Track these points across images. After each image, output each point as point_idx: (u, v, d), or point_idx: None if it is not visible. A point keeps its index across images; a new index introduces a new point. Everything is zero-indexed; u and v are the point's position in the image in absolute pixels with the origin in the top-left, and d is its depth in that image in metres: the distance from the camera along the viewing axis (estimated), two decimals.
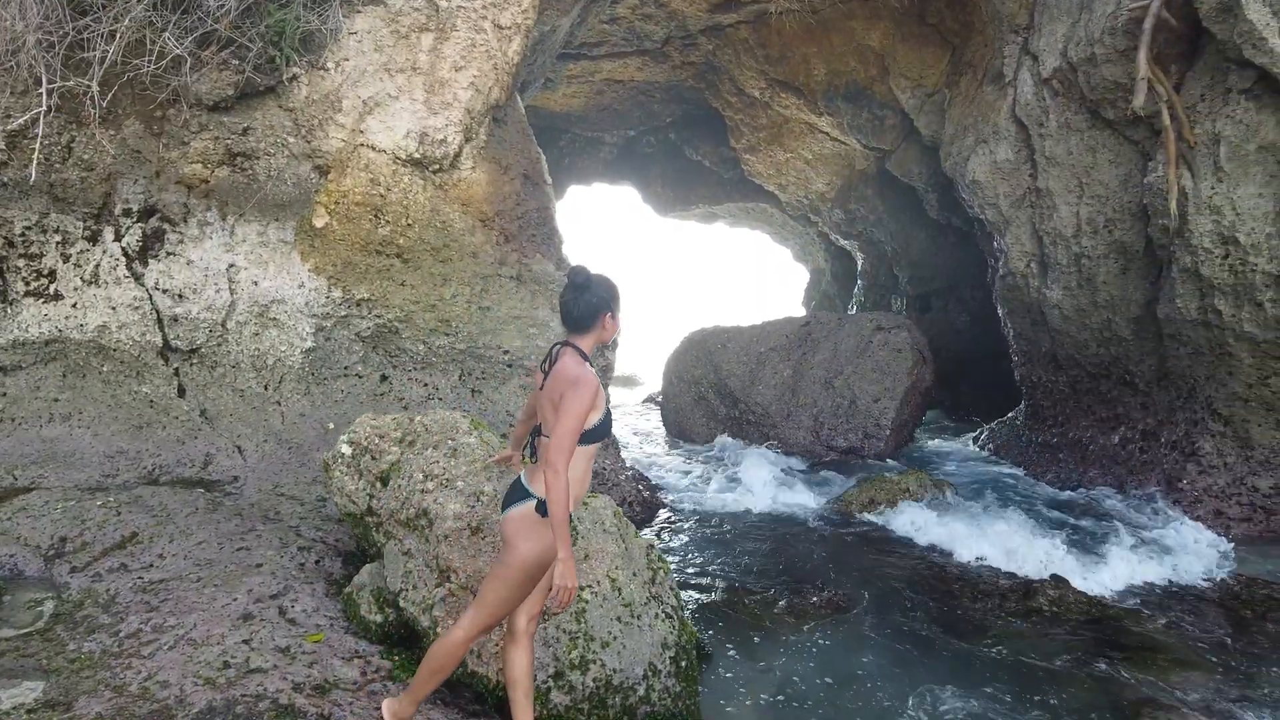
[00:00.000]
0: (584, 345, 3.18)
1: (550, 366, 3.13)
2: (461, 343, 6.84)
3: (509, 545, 3.04)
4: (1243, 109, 7.61)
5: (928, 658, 4.99)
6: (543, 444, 3.11)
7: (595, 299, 3.18)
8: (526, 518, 3.03)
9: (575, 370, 3.03)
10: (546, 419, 3.09)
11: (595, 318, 3.19)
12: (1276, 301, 7.33)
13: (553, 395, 3.03)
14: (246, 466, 6.31)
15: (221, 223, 6.69)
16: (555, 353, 3.17)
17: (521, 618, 3.18)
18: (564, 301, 3.21)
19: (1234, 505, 7.69)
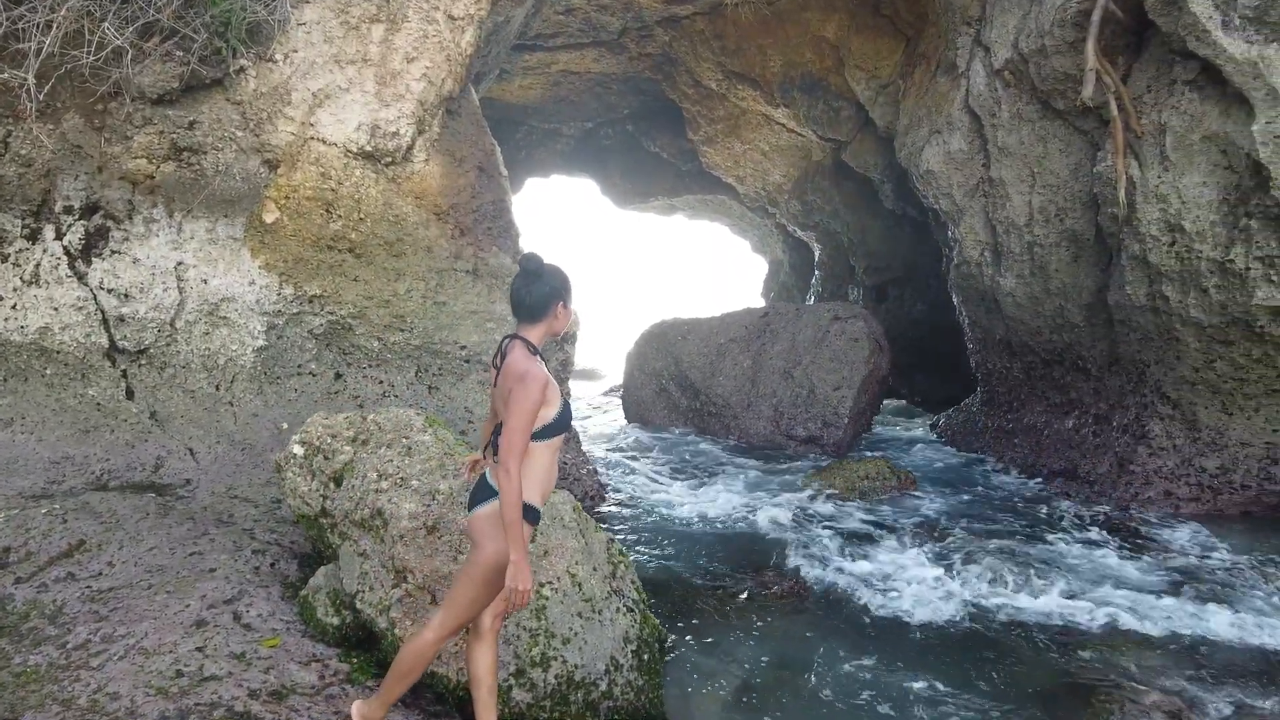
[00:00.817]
0: (533, 337, 3.10)
1: (501, 361, 3.06)
2: (417, 338, 6.75)
3: (477, 545, 2.99)
4: (1187, 100, 7.77)
5: (887, 644, 5.04)
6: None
7: (547, 288, 3.09)
8: (493, 517, 2.97)
9: (522, 365, 2.96)
10: (502, 415, 3.03)
11: (547, 307, 3.10)
12: (1221, 287, 7.51)
13: (503, 391, 2.97)
14: (199, 469, 6.17)
15: (168, 219, 6.53)
16: (505, 346, 3.09)
17: (486, 616, 3.13)
18: (515, 290, 3.12)
19: (1182, 485, 7.88)
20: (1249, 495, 7.65)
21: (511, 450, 2.84)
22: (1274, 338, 7.40)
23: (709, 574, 6.24)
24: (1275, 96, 7.05)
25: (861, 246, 15.37)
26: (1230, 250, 7.43)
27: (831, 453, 9.95)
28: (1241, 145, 7.29)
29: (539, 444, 2.98)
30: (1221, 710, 4.19)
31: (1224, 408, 7.91)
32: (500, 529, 2.93)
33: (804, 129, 14.07)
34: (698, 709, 4.19)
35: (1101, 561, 6.48)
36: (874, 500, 7.95)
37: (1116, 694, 4.35)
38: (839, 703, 4.31)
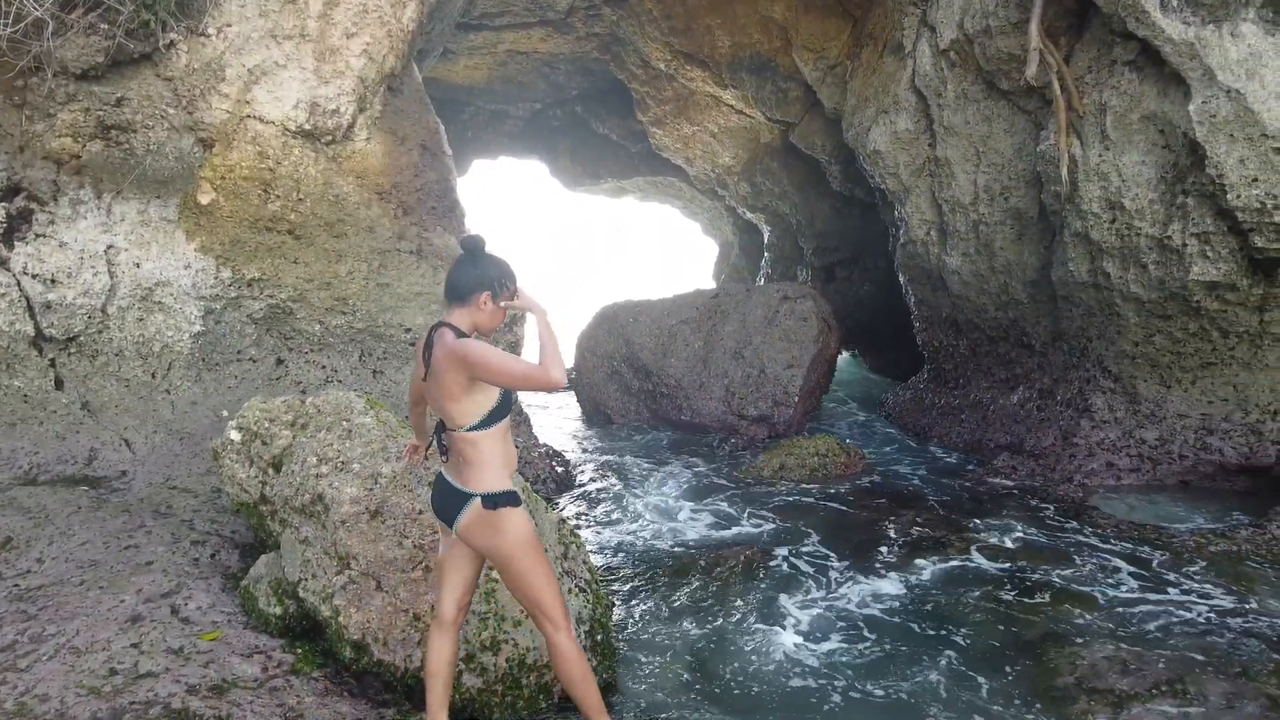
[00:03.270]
0: (461, 323, 2.93)
1: (429, 353, 2.91)
2: (360, 321, 6.59)
3: (492, 550, 2.92)
4: (1126, 80, 7.91)
5: (845, 611, 5.08)
6: (454, 437, 2.91)
7: (480, 272, 2.93)
8: (481, 521, 2.89)
9: (451, 342, 2.81)
10: (445, 410, 2.88)
11: (475, 292, 2.92)
12: (1159, 263, 7.67)
13: (444, 383, 2.82)
14: (135, 460, 5.96)
15: (97, 201, 6.26)
16: (433, 336, 2.91)
17: (451, 607, 3.04)
18: (450, 271, 2.99)
19: (1124, 457, 8.07)
20: (1186, 465, 7.86)
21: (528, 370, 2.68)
22: (1209, 312, 7.59)
23: (662, 552, 6.23)
24: (1211, 77, 7.19)
25: (810, 228, 15.44)
26: (1168, 227, 7.60)
27: (782, 431, 10.00)
28: (1178, 125, 7.44)
29: (485, 432, 2.88)
30: (1163, 667, 4.28)
31: (1162, 381, 8.11)
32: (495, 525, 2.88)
33: (752, 110, 14.05)
34: (651, 687, 4.17)
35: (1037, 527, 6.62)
36: (823, 477, 8.00)
37: (1066, 649, 4.45)
38: (790, 674, 4.33)
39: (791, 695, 4.14)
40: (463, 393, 2.83)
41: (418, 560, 3.38)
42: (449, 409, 2.86)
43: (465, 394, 2.83)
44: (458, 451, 2.90)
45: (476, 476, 2.89)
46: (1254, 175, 7.08)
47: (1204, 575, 5.66)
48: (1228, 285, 7.42)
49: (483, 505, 2.87)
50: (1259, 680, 4.19)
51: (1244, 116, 7.10)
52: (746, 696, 4.10)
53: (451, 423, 2.88)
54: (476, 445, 2.88)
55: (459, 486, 2.91)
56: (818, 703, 4.08)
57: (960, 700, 4.11)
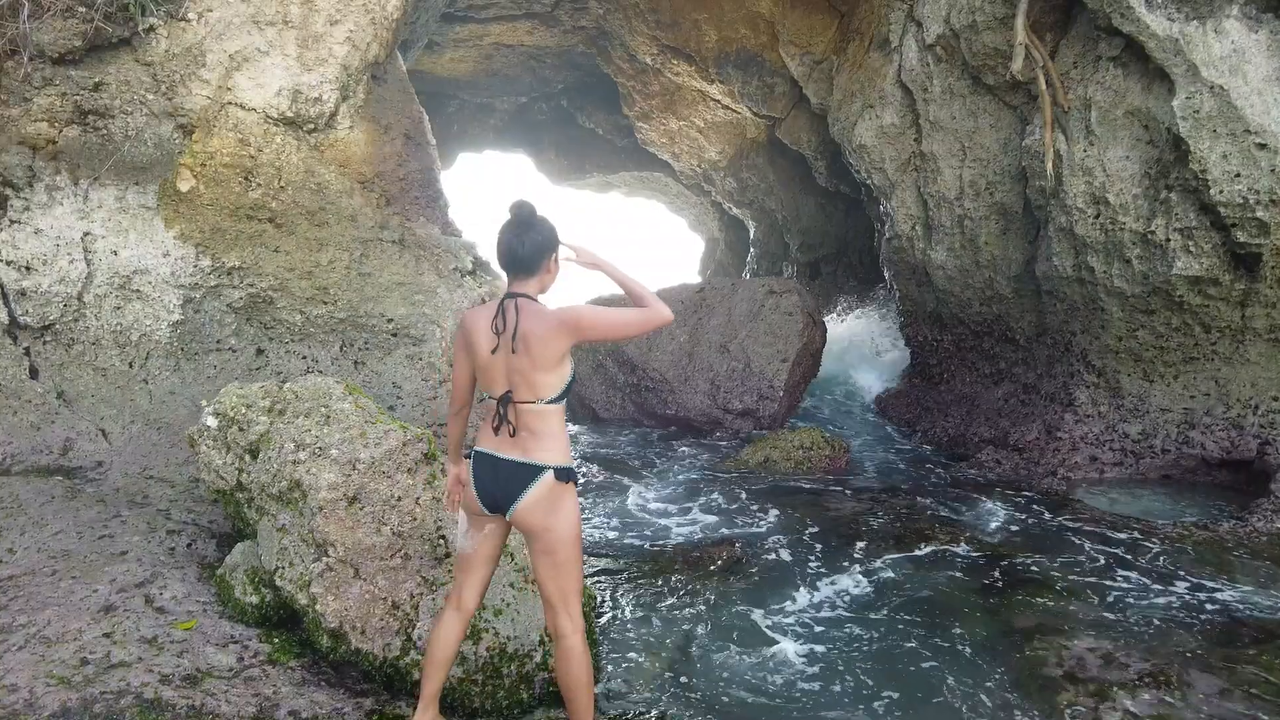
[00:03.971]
0: (531, 291, 2.86)
1: (504, 324, 2.77)
2: (341, 311, 6.51)
3: (546, 529, 2.80)
4: (1111, 75, 7.94)
5: (831, 604, 5.06)
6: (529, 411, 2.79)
7: (541, 237, 2.84)
8: (550, 496, 2.80)
9: (557, 311, 2.77)
10: (533, 382, 2.77)
11: (543, 258, 2.85)
12: (1143, 258, 7.71)
13: (542, 353, 2.73)
14: (112, 450, 5.86)
15: (73, 187, 6.15)
16: (506, 307, 2.79)
17: (475, 598, 2.97)
18: (506, 241, 2.83)
19: (1107, 450, 8.10)
20: (1168, 459, 7.90)
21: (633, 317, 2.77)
22: (1192, 307, 7.63)
23: (644, 540, 6.20)
24: (1195, 73, 7.23)
25: (795, 224, 15.45)
26: (1151, 222, 7.63)
27: (767, 425, 9.99)
28: (1162, 120, 7.48)
29: (560, 405, 2.85)
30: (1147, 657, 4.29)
31: (1145, 375, 8.15)
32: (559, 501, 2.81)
33: (739, 105, 14.04)
34: (634, 677, 4.13)
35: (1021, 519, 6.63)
36: (808, 470, 7.99)
37: (1052, 640, 4.45)
38: (775, 670, 4.30)
39: (776, 690, 4.11)
40: (557, 363, 2.78)
41: (396, 548, 3.33)
42: (539, 380, 2.76)
43: (558, 364, 2.79)
44: (526, 425, 2.79)
45: (547, 449, 2.80)
46: (1236, 170, 7.13)
47: (1187, 567, 5.67)
48: (1210, 280, 7.46)
49: (555, 478, 2.80)
50: (1242, 671, 4.20)
51: (1227, 112, 7.13)
52: (731, 693, 4.07)
53: (534, 394, 2.78)
54: (551, 418, 2.82)
55: (526, 460, 2.80)
56: (803, 697, 4.05)
57: (946, 692, 4.09)
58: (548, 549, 2.83)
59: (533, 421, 2.80)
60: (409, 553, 3.35)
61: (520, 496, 2.79)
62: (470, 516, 2.94)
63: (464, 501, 2.96)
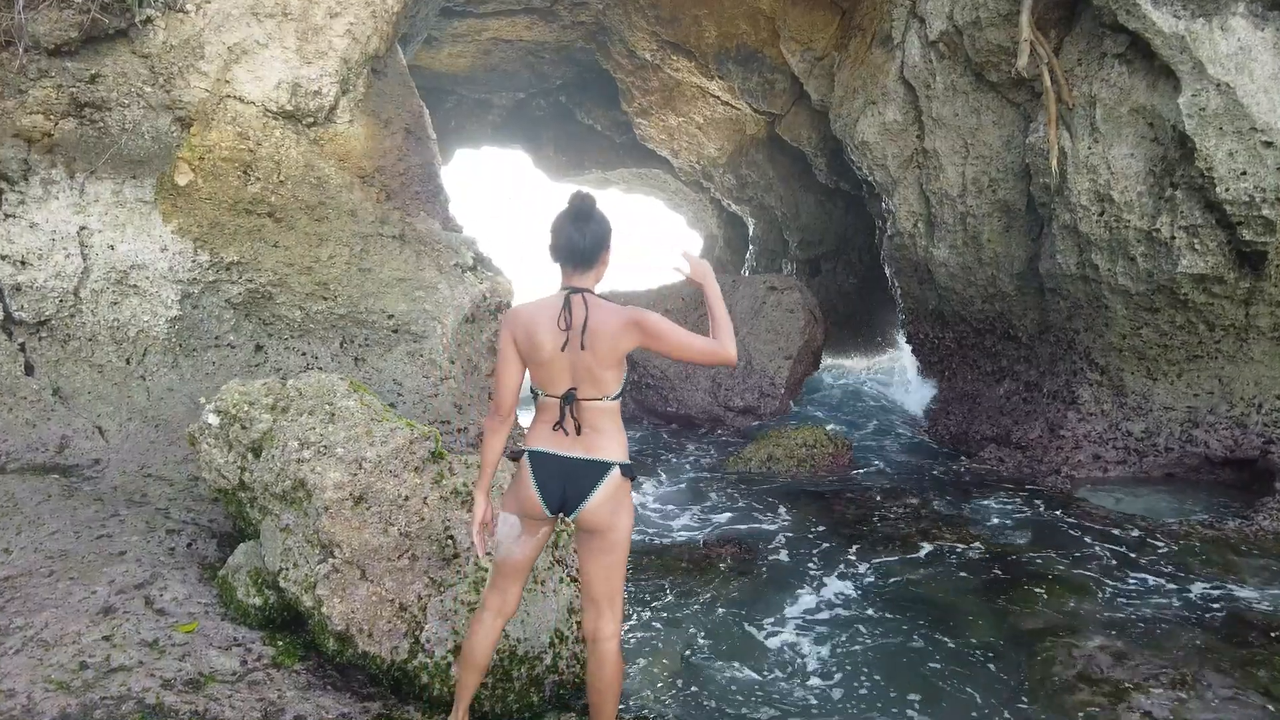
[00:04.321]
0: (589, 285, 2.77)
1: (570, 320, 2.68)
2: (341, 307, 6.43)
3: (612, 529, 2.74)
4: (1116, 73, 7.89)
5: (837, 605, 5.01)
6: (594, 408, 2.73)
7: (601, 229, 2.76)
8: (618, 493, 2.73)
9: (626, 309, 2.69)
10: (598, 379, 2.70)
11: (602, 250, 2.76)
12: (1147, 256, 7.67)
13: (607, 350, 2.66)
14: (109, 448, 5.77)
15: (69, 181, 6.06)
16: (572, 302, 2.70)
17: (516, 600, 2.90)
18: (566, 233, 2.73)
19: (1110, 449, 8.07)
20: (1172, 457, 7.86)
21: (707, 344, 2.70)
22: (1196, 305, 7.59)
23: (652, 539, 6.14)
24: (1201, 70, 7.18)
25: (795, 221, 15.39)
26: (1156, 220, 7.59)
27: (767, 422, 9.94)
28: (1168, 118, 7.43)
29: (619, 401, 2.78)
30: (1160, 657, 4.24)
31: (1149, 373, 8.11)
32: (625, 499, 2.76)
33: (739, 101, 13.97)
34: (643, 678, 4.08)
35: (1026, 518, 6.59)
36: (811, 468, 7.94)
37: (1062, 640, 4.41)
38: (781, 669, 4.25)
39: (783, 693, 4.06)
40: (619, 361, 2.73)
41: (404, 548, 3.25)
42: (603, 377, 2.70)
43: (620, 362, 2.74)
44: (590, 423, 2.73)
45: (611, 446, 2.74)
46: (1242, 168, 7.09)
47: (1195, 567, 5.64)
48: (1215, 278, 7.42)
49: (622, 474, 2.74)
50: (1255, 671, 4.16)
51: (1233, 110, 7.09)
52: (737, 696, 4.02)
53: (599, 391, 2.72)
54: (613, 415, 2.77)
55: (594, 457, 2.72)
56: (810, 700, 4.00)
57: (957, 693, 4.04)
58: (609, 548, 2.77)
59: (596, 418, 2.74)
60: (416, 553, 3.28)
61: (590, 495, 2.72)
62: (524, 520, 2.82)
63: (520, 505, 2.81)
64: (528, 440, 2.83)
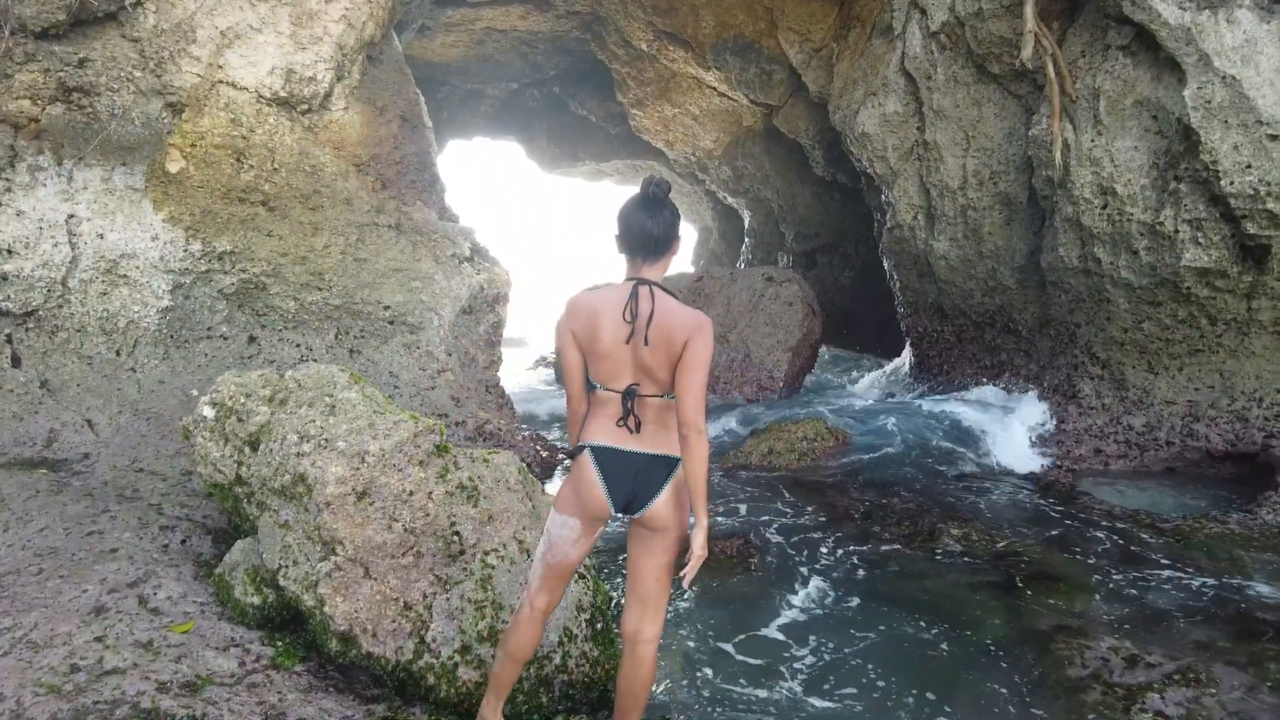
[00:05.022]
0: (657, 278, 2.63)
1: (635, 312, 2.53)
2: (336, 298, 6.31)
3: (674, 526, 2.63)
4: (1120, 64, 7.83)
5: (841, 602, 4.93)
6: (655, 404, 2.60)
7: (674, 216, 2.63)
8: (683, 489, 2.62)
9: (692, 312, 2.55)
10: (660, 377, 2.56)
11: (675, 239, 2.62)
12: (1150, 249, 7.61)
13: (667, 344, 2.51)
14: (99, 442, 5.64)
15: (57, 167, 5.91)
16: (640, 294, 2.56)
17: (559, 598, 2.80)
18: (639, 221, 2.58)
19: (1111, 443, 8.02)
20: (1173, 451, 7.83)
21: (702, 409, 2.51)
22: (1199, 299, 7.55)
23: None
24: (1207, 62, 7.12)
25: (792, 213, 15.31)
26: (1160, 213, 7.53)
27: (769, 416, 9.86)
28: (1172, 110, 7.37)
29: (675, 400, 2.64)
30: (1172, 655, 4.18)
31: (1150, 367, 8.07)
32: (684, 499, 2.63)
33: (735, 93, 13.86)
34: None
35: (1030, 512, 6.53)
36: (812, 462, 7.86)
37: (1074, 640, 4.34)
38: (787, 669, 4.16)
39: (788, 692, 3.98)
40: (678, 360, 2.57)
41: (408, 545, 3.15)
42: (665, 377, 2.57)
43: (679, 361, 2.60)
44: (652, 419, 2.61)
45: (672, 442, 2.61)
46: (1247, 162, 7.03)
47: (1201, 561, 5.59)
48: (1218, 272, 7.37)
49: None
50: (1268, 666, 4.10)
51: (1239, 103, 7.03)
52: (742, 691, 3.93)
53: (660, 388, 2.59)
54: (673, 410, 2.63)
55: (659, 453, 2.60)
56: (815, 698, 3.92)
57: (969, 691, 3.97)
58: (667, 547, 2.66)
59: (658, 414, 2.62)
60: (422, 550, 3.18)
61: (659, 492, 2.61)
62: (585, 520, 2.68)
63: (583, 505, 2.66)
64: (586, 435, 2.67)
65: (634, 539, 2.73)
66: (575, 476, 2.68)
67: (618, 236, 2.66)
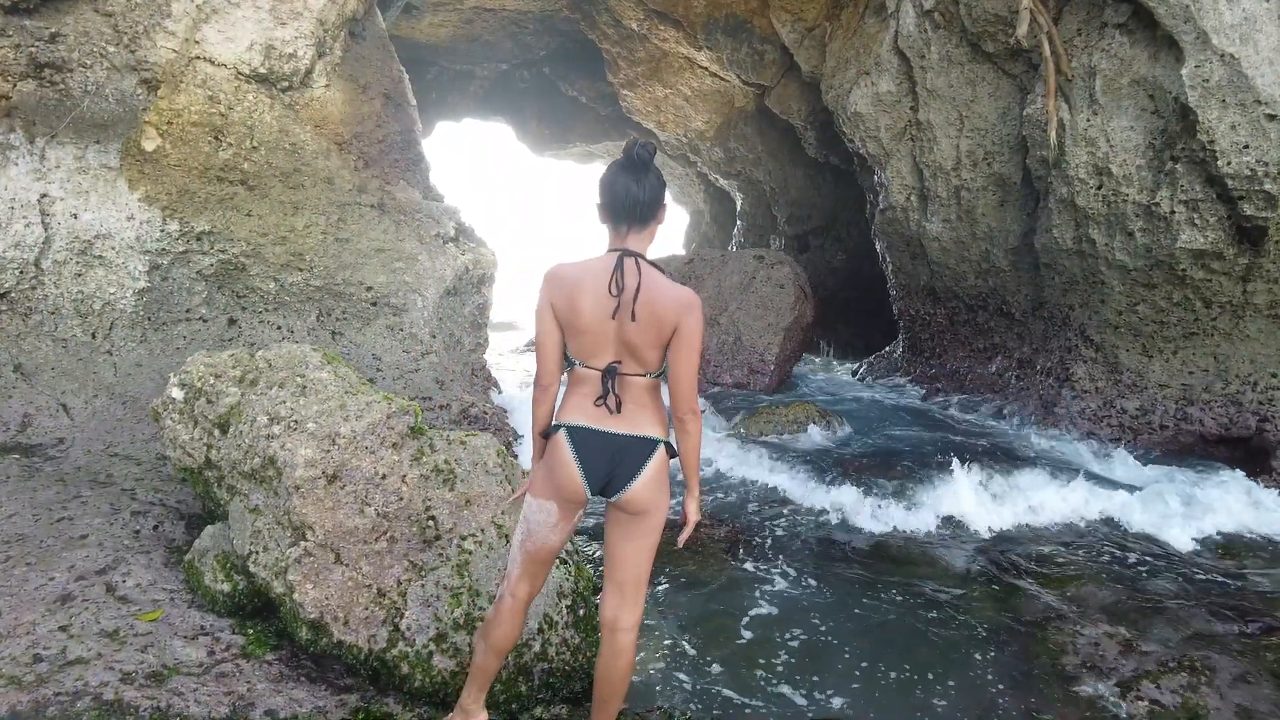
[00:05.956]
0: (643, 249, 2.50)
1: (621, 285, 2.39)
2: (318, 279, 6.17)
3: (650, 511, 2.53)
4: (1117, 43, 7.70)
5: (832, 589, 4.85)
6: (636, 384, 2.49)
7: (660, 181, 2.47)
8: (662, 470, 2.52)
9: (682, 290, 2.44)
10: (645, 357, 2.45)
11: (660, 205, 2.50)
12: (1146, 230, 7.52)
13: (656, 323, 2.40)
14: (73, 426, 5.52)
15: (28, 146, 5.75)
16: (626, 266, 2.41)
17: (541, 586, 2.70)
18: (623, 185, 2.43)
19: (1105, 426, 7.95)
20: (1167, 435, 7.76)
21: (694, 391, 2.43)
22: (1194, 281, 7.46)
23: None
24: (1205, 41, 7.00)
25: (784, 196, 15.17)
26: (1156, 194, 7.43)
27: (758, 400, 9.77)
28: (1169, 89, 7.25)
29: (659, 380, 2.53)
30: (1168, 643, 4.11)
31: (1144, 350, 7.99)
32: (666, 479, 2.55)
33: (727, 73, 13.68)
34: (637, 664, 3.89)
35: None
36: (804, 444, 7.77)
37: (1067, 627, 4.27)
38: (778, 654, 4.08)
39: (780, 678, 3.89)
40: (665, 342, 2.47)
41: (381, 530, 3.04)
42: (649, 356, 2.46)
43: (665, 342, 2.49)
44: (633, 398, 2.49)
45: (654, 421, 2.51)
46: (1245, 142, 6.92)
47: (1195, 547, 5.53)
48: (1214, 254, 7.28)
49: (667, 452, 2.54)
50: (1263, 654, 4.03)
51: (1237, 81, 6.92)
52: (732, 678, 3.84)
53: (642, 367, 2.47)
54: (655, 390, 2.53)
55: (640, 434, 2.48)
56: (808, 681, 3.83)
57: (963, 678, 3.88)
58: (649, 530, 2.57)
59: (639, 394, 2.50)
60: (395, 535, 3.07)
61: (638, 474, 2.49)
62: (561, 504, 2.56)
63: (558, 489, 2.54)
64: (562, 414, 2.55)
65: (612, 523, 2.62)
66: (549, 458, 2.57)
67: (600, 204, 2.52)
